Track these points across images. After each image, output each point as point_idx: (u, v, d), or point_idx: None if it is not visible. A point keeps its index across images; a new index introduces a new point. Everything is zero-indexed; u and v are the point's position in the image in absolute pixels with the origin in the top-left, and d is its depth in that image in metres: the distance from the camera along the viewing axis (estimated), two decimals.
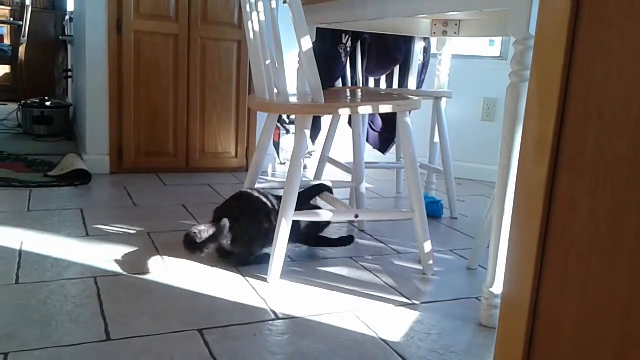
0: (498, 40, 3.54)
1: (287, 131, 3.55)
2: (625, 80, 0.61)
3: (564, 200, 0.68)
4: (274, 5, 1.66)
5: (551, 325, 0.71)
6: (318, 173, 2.62)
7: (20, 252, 1.82)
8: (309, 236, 1.99)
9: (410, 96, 1.92)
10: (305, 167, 3.47)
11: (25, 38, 4.80)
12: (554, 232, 0.70)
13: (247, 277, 1.74)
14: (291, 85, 2.98)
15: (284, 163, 3.54)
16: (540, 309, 0.73)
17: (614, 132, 0.62)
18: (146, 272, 1.73)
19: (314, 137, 3.31)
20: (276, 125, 3.42)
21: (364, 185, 2.38)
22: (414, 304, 1.63)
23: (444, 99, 2.61)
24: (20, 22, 4.71)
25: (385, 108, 1.76)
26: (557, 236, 0.70)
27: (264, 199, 1.87)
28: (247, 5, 1.80)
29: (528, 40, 1.36)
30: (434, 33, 2.66)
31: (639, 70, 0.60)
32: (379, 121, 3.37)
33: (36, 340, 1.28)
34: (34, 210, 2.29)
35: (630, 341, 0.63)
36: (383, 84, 3.12)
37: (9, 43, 5.59)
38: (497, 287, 1.48)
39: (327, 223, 2.04)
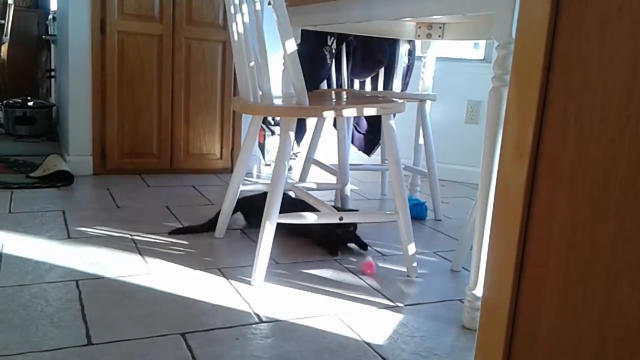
0: (482, 43, 3.56)
1: (273, 133, 3.55)
2: (602, 87, 0.62)
3: (543, 205, 0.69)
4: (258, 7, 1.66)
5: (530, 328, 0.72)
6: (303, 175, 2.62)
7: (0, 254, 1.80)
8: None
9: (395, 99, 1.92)
10: (290, 168, 3.47)
11: (8, 37, 4.75)
12: (533, 237, 0.71)
13: (231, 280, 1.73)
14: (276, 87, 2.98)
15: (269, 165, 3.53)
16: (519, 312, 0.73)
17: (592, 139, 0.63)
18: (129, 275, 1.72)
19: (299, 139, 3.31)
20: (261, 126, 3.41)
21: (349, 187, 2.39)
22: (398, 306, 1.64)
23: (428, 102, 2.62)
24: (3, 21, 4.65)
25: (370, 111, 1.77)
26: (536, 240, 0.70)
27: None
28: (232, 7, 1.80)
29: (511, 44, 1.37)
30: (419, 36, 2.67)
31: (616, 78, 0.61)
32: (364, 123, 3.37)
33: (16, 345, 1.27)
34: (16, 212, 2.27)
35: (608, 345, 0.63)
36: (368, 87, 3.13)
37: None
38: (480, 290, 1.49)
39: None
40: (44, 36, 5.48)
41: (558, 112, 0.66)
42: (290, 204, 2.09)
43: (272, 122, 3.58)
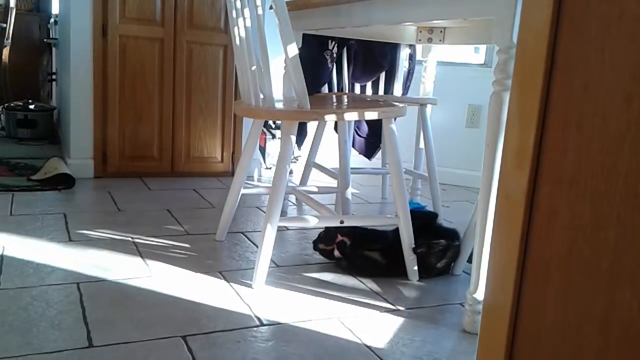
0: (483, 47, 3.57)
1: (273, 136, 3.55)
2: (603, 93, 0.62)
3: (544, 210, 0.69)
4: (260, 11, 1.66)
5: (532, 332, 0.72)
6: (304, 178, 2.62)
7: (2, 257, 1.80)
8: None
9: (395, 103, 1.93)
10: (291, 172, 3.47)
11: (10, 41, 4.75)
12: (534, 241, 0.71)
13: (231, 283, 1.73)
14: (277, 91, 2.99)
15: (270, 168, 3.54)
16: (521, 317, 0.74)
17: (593, 144, 0.63)
18: (130, 277, 1.72)
19: (300, 142, 3.32)
20: (262, 130, 3.42)
21: (350, 191, 2.39)
22: (399, 310, 1.64)
23: (429, 106, 2.63)
24: (4, 25, 4.67)
25: (371, 115, 1.77)
26: (537, 245, 0.71)
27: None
28: (234, 11, 1.81)
29: (511, 49, 1.37)
30: (420, 40, 2.67)
31: (617, 84, 0.61)
32: (365, 127, 3.38)
33: (17, 348, 1.27)
34: (17, 214, 2.27)
35: (610, 349, 0.64)
36: (369, 91, 3.13)
37: None
38: (481, 294, 1.49)
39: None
40: (45, 39, 5.49)
41: (559, 117, 0.67)
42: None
43: (273, 126, 3.58)
